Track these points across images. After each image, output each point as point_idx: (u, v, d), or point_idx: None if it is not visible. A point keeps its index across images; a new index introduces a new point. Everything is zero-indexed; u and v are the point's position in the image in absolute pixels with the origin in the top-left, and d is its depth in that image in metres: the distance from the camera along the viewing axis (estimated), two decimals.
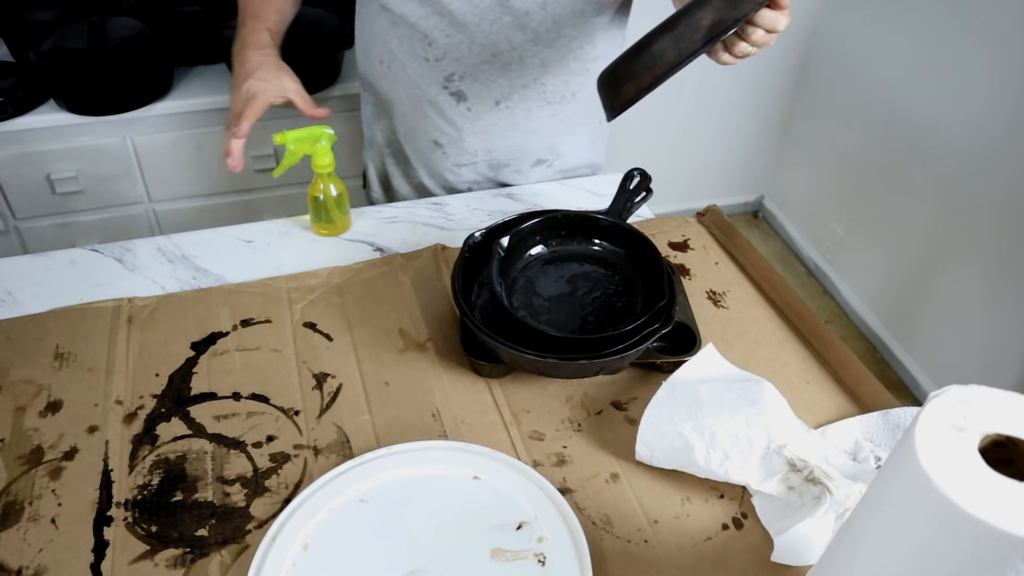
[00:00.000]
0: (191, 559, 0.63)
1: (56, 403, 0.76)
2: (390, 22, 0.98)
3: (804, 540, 0.64)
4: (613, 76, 0.73)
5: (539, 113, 1.04)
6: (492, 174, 1.11)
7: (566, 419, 0.76)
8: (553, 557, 0.63)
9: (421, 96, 1.03)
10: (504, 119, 1.03)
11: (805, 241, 2.53)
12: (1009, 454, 0.43)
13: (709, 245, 1.00)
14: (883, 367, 2.18)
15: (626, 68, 0.71)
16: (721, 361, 0.79)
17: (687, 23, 0.68)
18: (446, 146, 1.07)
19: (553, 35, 0.95)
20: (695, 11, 0.68)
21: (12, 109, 1.49)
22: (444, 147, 1.07)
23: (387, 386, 0.79)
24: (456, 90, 1.00)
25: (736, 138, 2.53)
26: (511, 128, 1.05)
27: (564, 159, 1.13)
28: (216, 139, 1.64)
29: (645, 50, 0.69)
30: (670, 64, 0.69)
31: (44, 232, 1.66)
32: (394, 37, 0.99)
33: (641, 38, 0.72)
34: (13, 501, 0.67)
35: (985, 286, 1.84)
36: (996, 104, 1.74)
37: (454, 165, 1.09)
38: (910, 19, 1.96)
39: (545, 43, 0.96)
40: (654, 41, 0.69)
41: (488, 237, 0.85)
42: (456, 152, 1.08)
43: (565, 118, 1.07)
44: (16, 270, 0.92)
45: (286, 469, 0.71)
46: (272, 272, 0.93)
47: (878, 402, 0.77)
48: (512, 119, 1.04)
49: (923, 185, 1.99)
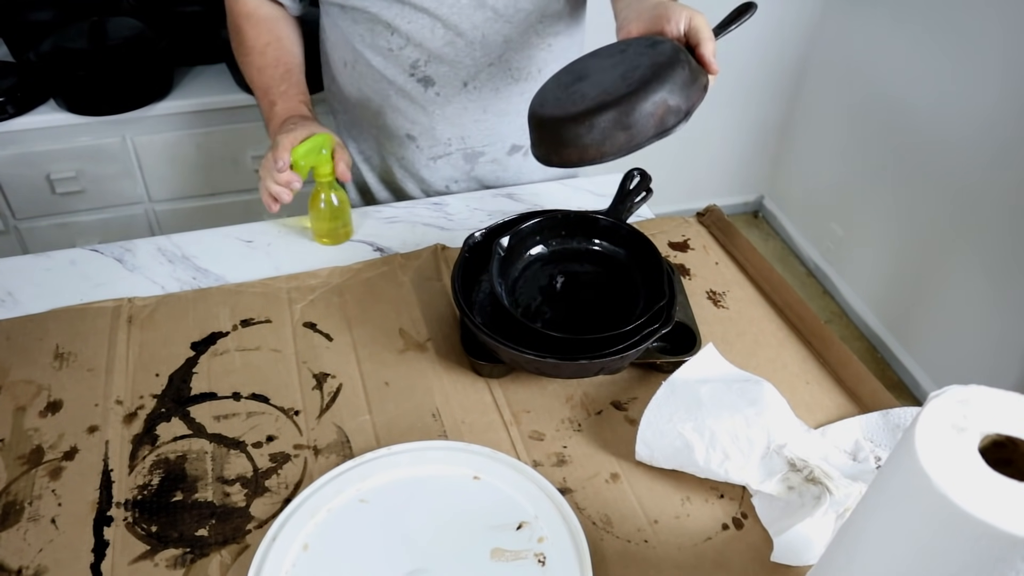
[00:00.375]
0: (191, 559, 0.63)
1: (56, 403, 0.76)
2: (351, 20, 0.99)
3: (804, 540, 0.64)
4: (554, 129, 0.71)
5: (507, 92, 1.04)
6: (469, 167, 1.11)
7: (566, 419, 0.76)
8: (553, 557, 0.63)
9: (388, 89, 1.03)
10: (473, 101, 1.04)
11: (805, 241, 2.53)
12: (1009, 454, 0.43)
13: (709, 245, 1.00)
14: (883, 367, 2.18)
15: (572, 131, 0.69)
16: (721, 361, 0.79)
17: (640, 110, 0.67)
18: (419, 138, 1.07)
19: (511, 10, 0.96)
20: (647, 94, 0.67)
21: (12, 109, 1.49)
22: (417, 139, 1.07)
23: (387, 386, 0.79)
24: (423, 76, 1.00)
25: (736, 138, 2.53)
26: (482, 111, 1.05)
27: None
28: (216, 139, 1.64)
29: (594, 120, 0.68)
30: (619, 147, 0.69)
31: (44, 232, 1.66)
32: (355, 35, 0.99)
33: (589, 89, 0.71)
34: (13, 501, 0.67)
35: (985, 286, 1.84)
36: (996, 104, 1.74)
37: (429, 159, 1.09)
38: (910, 18, 1.96)
39: (505, 19, 0.97)
40: (603, 113, 0.68)
41: (488, 237, 0.85)
42: (430, 143, 1.07)
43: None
44: (16, 270, 0.92)
45: (286, 469, 0.71)
46: (272, 272, 0.93)
47: (878, 402, 0.77)
48: (482, 100, 1.04)
49: (923, 185, 1.99)
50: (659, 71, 0.69)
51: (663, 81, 0.68)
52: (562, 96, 0.74)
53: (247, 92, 1.62)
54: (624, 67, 0.72)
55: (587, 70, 0.76)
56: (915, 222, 2.04)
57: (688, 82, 0.70)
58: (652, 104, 0.68)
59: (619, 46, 0.76)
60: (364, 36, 0.99)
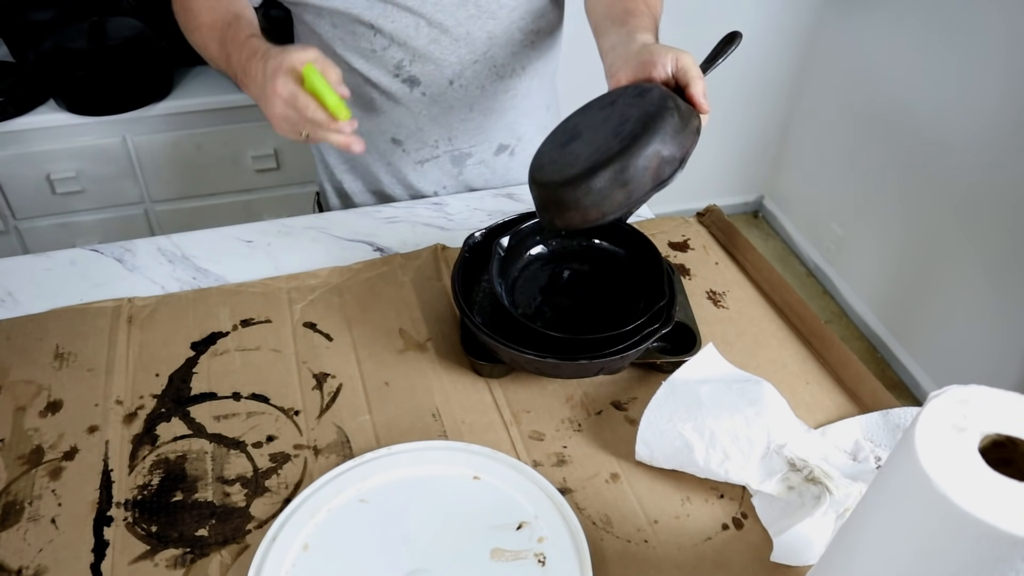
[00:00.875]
0: (191, 559, 0.63)
1: (56, 403, 0.76)
2: (330, 24, 0.97)
3: (804, 540, 0.64)
4: (554, 194, 0.70)
5: (493, 89, 1.04)
6: (457, 171, 1.10)
7: (566, 419, 0.76)
8: (553, 557, 0.63)
9: (372, 92, 1.02)
10: (459, 99, 1.03)
11: (805, 241, 2.53)
12: (1009, 454, 0.43)
13: (709, 245, 1.00)
14: (883, 367, 2.18)
15: (571, 195, 0.69)
16: (721, 361, 0.79)
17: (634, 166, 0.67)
18: (405, 141, 1.06)
19: (495, 6, 0.96)
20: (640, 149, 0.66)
21: (12, 109, 1.49)
22: (403, 143, 1.07)
23: (387, 386, 0.79)
24: (408, 76, 1.00)
25: (736, 138, 2.53)
26: (468, 109, 1.05)
27: (525, 143, 1.12)
28: (216, 139, 1.65)
29: (590, 183, 0.67)
30: (619, 205, 0.68)
31: (44, 232, 1.66)
32: (336, 39, 0.98)
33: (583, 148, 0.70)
34: (13, 501, 0.67)
35: (985, 286, 1.84)
36: (997, 104, 1.74)
37: (416, 163, 1.09)
38: (911, 19, 1.96)
39: (489, 14, 0.96)
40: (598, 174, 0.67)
41: (488, 237, 0.85)
42: (416, 146, 1.07)
43: (519, 94, 1.07)
44: (16, 270, 0.92)
45: (286, 469, 0.71)
46: (272, 272, 0.93)
47: (878, 402, 0.77)
48: (468, 99, 1.04)
49: (923, 185, 1.99)
50: (649, 122, 0.67)
51: (654, 133, 0.67)
52: (557, 158, 0.73)
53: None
54: (615, 121, 0.71)
55: (579, 127, 0.74)
56: (915, 222, 2.04)
57: (679, 129, 0.68)
58: (645, 159, 0.67)
59: (608, 97, 0.75)
60: (345, 39, 0.97)
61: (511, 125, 1.10)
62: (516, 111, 1.09)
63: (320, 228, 1.01)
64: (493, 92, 1.05)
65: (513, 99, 1.07)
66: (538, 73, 1.08)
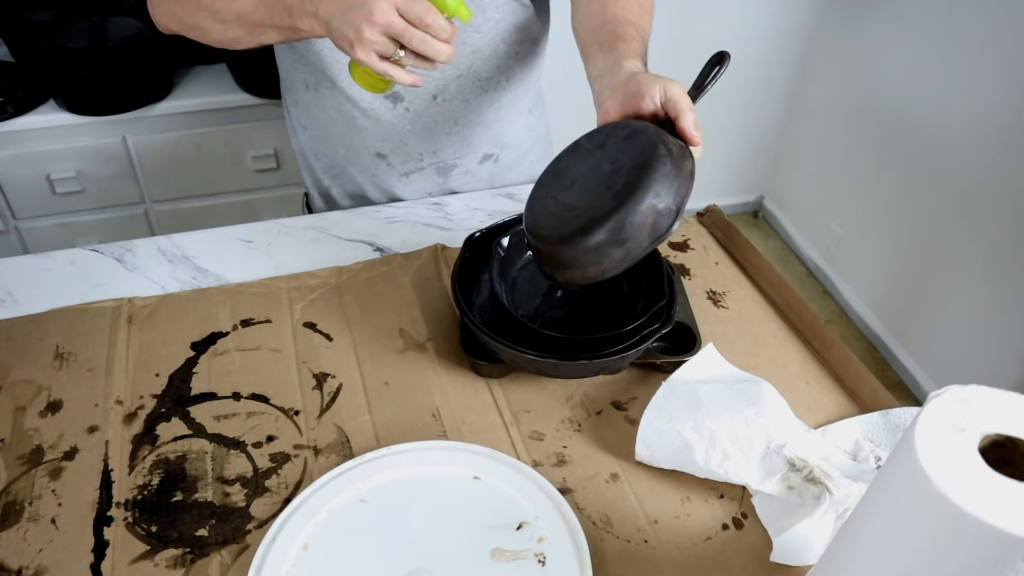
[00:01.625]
0: (191, 559, 0.63)
1: (56, 403, 0.76)
2: (310, 41, 0.94)
3: (804, 540, 0.64)
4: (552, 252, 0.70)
5: (477, 103, 1.03)
6: (442, 180, 1.09)
7: (566, 419, 0.76)
8: (553, 557, 0.63)
9: (354, 110, 1.00)
10: (443, 114, 1.02)
11: (805, 241, 2.53)
12: (1009, 454, 0.43)
13: (709, 245, 1.00)
14: (883, 367, 2.19)
15: (569, 254, 0.68)
16: (721, 361, 0.79)
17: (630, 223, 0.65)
18: (390, 155, 1.05)
19: (479, 20, 0.95)
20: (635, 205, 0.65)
21: (12, 109, 1.49)
22: (388, 157, 1.06)
23: (387, 386, 0.79)
24: (391, 92, 0.98)
25: (736, 138, 2.53)
26: (452, 123, 1.04)
27: (508, 150, 1.12)
28: (216, 139, 1.65)
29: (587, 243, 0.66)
30: (618, 262, 0.68)
31: (44, 232, 1.66)
32: (316, 55, 0.96)
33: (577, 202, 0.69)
34: (13, 501, 0.67)
35: (985, 286, 1.84)
36: (997, 104, 1.74)
37: (401, 176, 1.08)
38: (910, 18, 1.96)
39: (473, 28, 0.95)
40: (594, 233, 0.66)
41: (488, 237, 0.85)
42: (401, 160, 1.06)
43: (504, 105, 1.06)
44: (16, 270, 0.92)
45: (286, 469, 0.71)
46: (272, 272, 0.93)
47: (878, 402, 0.77)
48: (452, 113, 1.03)
49: (923, 185, 1.99)
50: (642, 173, 0.66)
51: (648, 185, 0.65)
52: (553, 210, 0.71)
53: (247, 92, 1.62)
54: (606, 170, 0.69)
55: (570, 172, 0.73)
56: (915, 222, 2.04)
57: (673, 175, 0.67)
58: (641, 215, 0.65)
59: (598, 137, 0.73)
60: (323, 55, 0.95)
61: (496, 135, 1.09)
62: (501, 121, 1.08)
63: (320, 228, 1.01)
64: (477, 105, 1.04)
65: (498, 111, 1.06)
66: (523, 82, 1.06)
